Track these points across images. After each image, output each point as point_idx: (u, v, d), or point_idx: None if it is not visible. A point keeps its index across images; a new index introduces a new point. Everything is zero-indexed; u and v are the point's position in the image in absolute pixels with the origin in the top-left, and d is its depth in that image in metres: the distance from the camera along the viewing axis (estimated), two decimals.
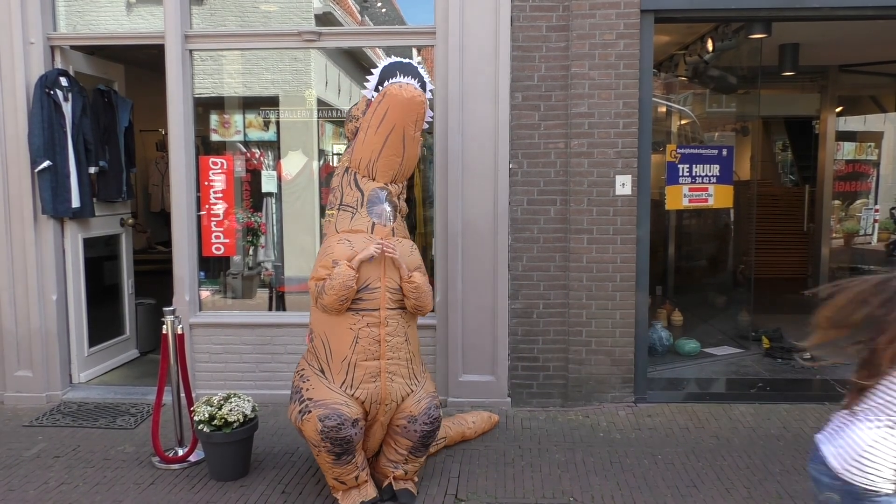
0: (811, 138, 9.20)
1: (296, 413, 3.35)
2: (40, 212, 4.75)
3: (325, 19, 5.16)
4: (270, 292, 5.32)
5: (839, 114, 8.44)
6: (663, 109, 7.00)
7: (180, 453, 3.95)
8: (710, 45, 6.00)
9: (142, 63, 6.14)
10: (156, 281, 6.13)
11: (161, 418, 3.93)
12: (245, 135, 5.23)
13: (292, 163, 5.20)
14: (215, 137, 5.23)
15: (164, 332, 3.93)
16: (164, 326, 3.92)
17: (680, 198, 5.46)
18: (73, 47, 5.00)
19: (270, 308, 5.29)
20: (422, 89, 3.38)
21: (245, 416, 3.68)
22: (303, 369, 3.49)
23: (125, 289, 5.68)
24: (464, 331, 4.67)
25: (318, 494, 3.55)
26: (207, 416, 3.63)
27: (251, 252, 5.34)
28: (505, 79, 4.53)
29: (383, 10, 5.73)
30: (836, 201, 8.74)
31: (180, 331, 3.98)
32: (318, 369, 3.41)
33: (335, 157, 5.35)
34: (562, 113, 4.57)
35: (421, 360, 3.65)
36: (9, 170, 4.73)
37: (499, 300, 4.63)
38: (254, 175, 5.22)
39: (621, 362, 4.65)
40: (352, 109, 3.63)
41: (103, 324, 5.39)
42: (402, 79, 3.33)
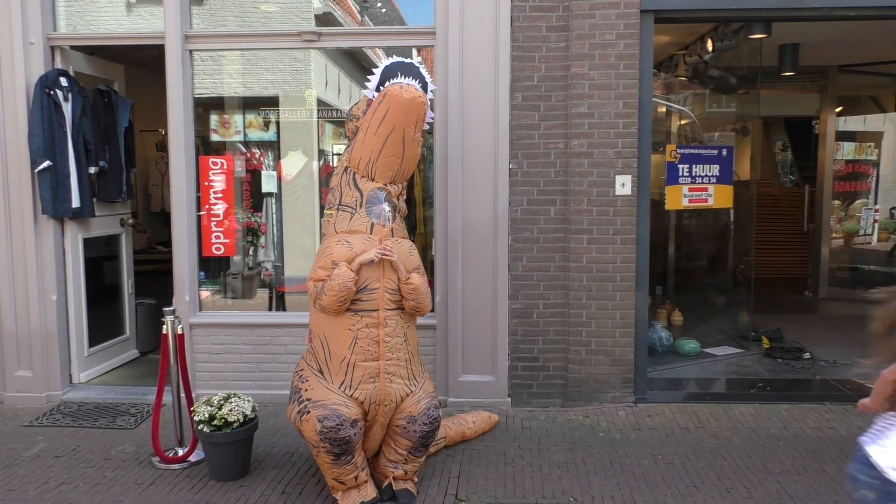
0: (811, 138, 9.21)
1: (295, 413, 3.35)
2: (40, 212, 4.75)
3: (325, 19, 5.16)
4: (270, 292, 5.32)
5: (839, 114, 8.45)
6: (663, 109, 6.99)
7: (180, 453, 3.95)
8: (709, 45, 6.00)
9: (142, 63, 6.14)
10: (156, 281, 6.13)
11: (161, 418, 3.93)
12: (245, 135, 5.23)
13: (292, 163, 5.20)
14: (215, 137, 5.23)
15: (164, 332, 3.93)
16: (164, 326, 3.93)
17: (680, 198, 5.46)
18: (73, 47, 5.00)
19: (270, 308, 5.29)
20: (423, 90, 3.36)
21: (245, 416, 3.68)
22: (302, 370, 3.49)
23: (125, 289, 5.69)
24: (464, 331, 4.67)
25: (318, 494, 3.55)
26: (207, 416, 3.63)
27: (251, 252, 5.34)
28: (505, 79, 4.53)
29: (383, 11, 5.73)
30: (836, 201, 8.76)
31: (180, 331, 3.98)
32: (317, 370, 3.41)
33: (335, 158, 5.35)
34: (562, 113, 4.57)
35: (420, 360, 3.64)
36: (9, 170, 4.74)
37: (499, 300, 4.63)
38: (254, 175, 5.22)
39: (621, 362, 4.65)
40: (352, 109, 3.62)
41: (103, 324, 5.39)
42: (403, 79, 3.31)
